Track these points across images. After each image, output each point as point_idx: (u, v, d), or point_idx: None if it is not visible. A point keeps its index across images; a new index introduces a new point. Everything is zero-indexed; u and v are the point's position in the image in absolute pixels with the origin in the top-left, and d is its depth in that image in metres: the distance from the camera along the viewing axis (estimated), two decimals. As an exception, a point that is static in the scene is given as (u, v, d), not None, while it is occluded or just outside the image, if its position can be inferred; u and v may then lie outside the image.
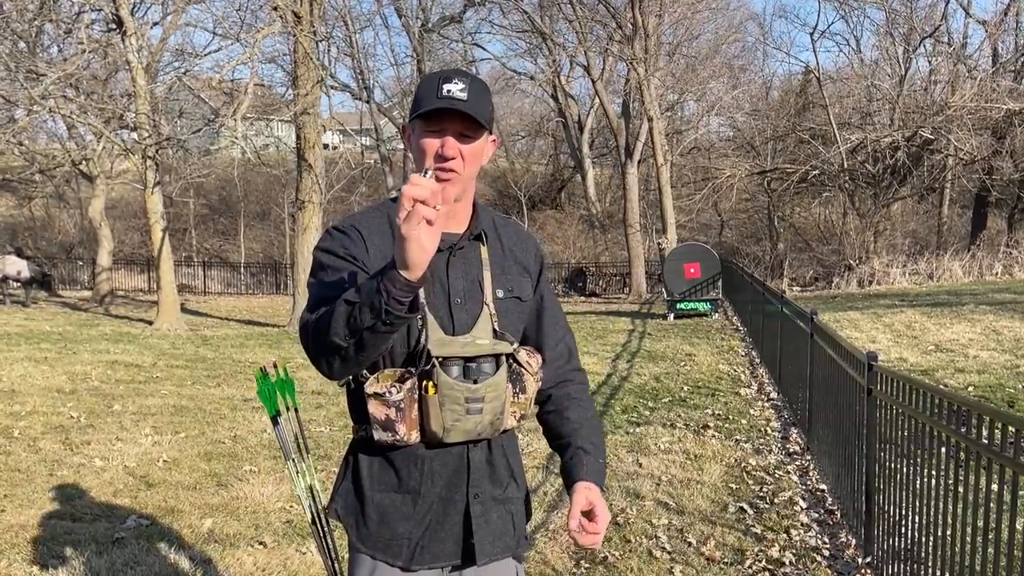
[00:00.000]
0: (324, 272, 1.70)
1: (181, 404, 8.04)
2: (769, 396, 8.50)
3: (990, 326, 12.19)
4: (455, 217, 1.83)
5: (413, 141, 1.78)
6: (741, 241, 31.33)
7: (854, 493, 4.60)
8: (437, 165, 1.71)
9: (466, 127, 1.72)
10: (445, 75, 1.74)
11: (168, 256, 16.02)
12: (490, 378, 1.73)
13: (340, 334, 1.48)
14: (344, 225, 1.77)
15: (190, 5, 17.06)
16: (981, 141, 21.65)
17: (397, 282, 1.41)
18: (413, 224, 1.37)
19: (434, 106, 1.69)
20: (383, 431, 1.68)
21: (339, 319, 1.47)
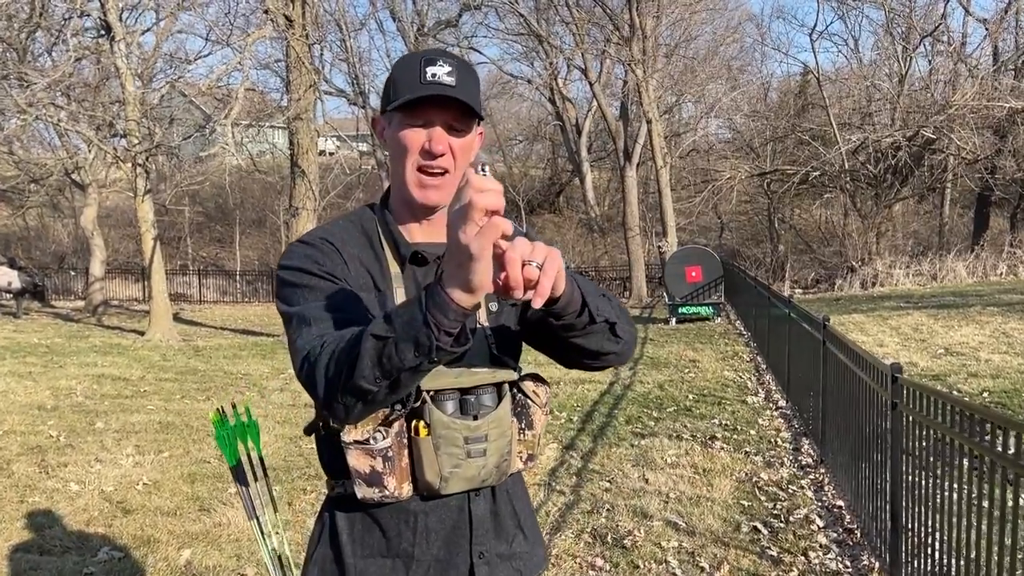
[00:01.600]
0: (301, 295, 1.41)
1: (167, 420, 7.74)
2: (777, 404, 8.22)
3: (999, 328, 11.93)
4: (441, 224, 1.54)
5: (389, 135, 1.50)
6: (742, 243, 31.08)
7: (876, 512, 4.32)
8: (423, 164, 1.44)
9: (456, 117, 1.45)
10: (428, 56, 1.45)
11: (160, 265, 15.73)
12: (492, 412, 1.45)
13: (369, 376, 1.19)
14: (311, 238, 1.49)
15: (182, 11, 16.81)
16: (983, 140, 21.41)
17: (450, 311, 1.13)
18: (488, 239, 1.09)
19: (419, 94, 1.41)
20: (368, 486, 1.39)
21: (366, 359, 1.19)
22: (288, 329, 1.39)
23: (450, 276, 1.13)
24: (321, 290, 1.40)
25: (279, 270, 1.48)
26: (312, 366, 1.27)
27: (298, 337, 1.34)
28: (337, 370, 1.23)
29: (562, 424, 7.45)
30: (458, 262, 1.11)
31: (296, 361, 1.32)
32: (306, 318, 1.35)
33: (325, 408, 1.27)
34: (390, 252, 1.50)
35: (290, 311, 1.39)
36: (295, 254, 1.46)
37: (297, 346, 1.33)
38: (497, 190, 1.10)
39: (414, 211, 1.52)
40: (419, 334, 1.15)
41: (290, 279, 1.43)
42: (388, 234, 1.51)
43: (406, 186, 1.47)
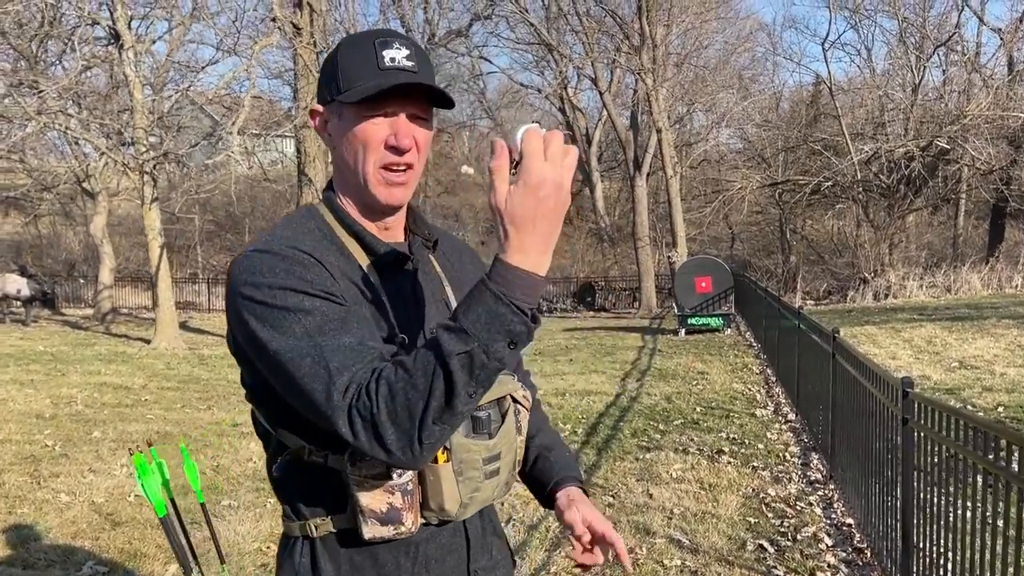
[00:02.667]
0: (296, 322, 1.17)
1: (165, 430, 7.64)
2: (787, 418, 8.05)
3: (1015, 341, 11.72)
4: (398, 224, 1.42)
5: (338, 129, 1.33)
6: (753, 254, 30.84)
7: (887, 531, 4.16)
8: (391, 160, 1.29)
9: (421, 107, 1.31)
10: (381, 38, 1.30)
11: (166, 273, 15.69)
12: (501, 427, 1.32)
13: (464, 396, 1.10)
14: (278, 247, 1.25)
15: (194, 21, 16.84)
16: (998, 150, 21.16)
17: (533, 283, 1.10)
18: (569, 185, 1.11)
19: (384, 84, 1.25)
20: (382, 525, 1.23)
21: (458, 381, 1.08)
22: (294, 373, 1.16)
23: (521, 244, 1.08)
24: (324, 315, 1.18)
25: (247, 288, 1.21)
26: (372, 422, 1.11)
27: (324, 387, 1.14)
28: (418, 413, 1.10)
29: (566, 436, 7.31)
30: (555, 219, 1.10)
31: (336, 415, 1.13)
32: (326, 363, 1.15)
33: (397, 457, 1.12)
34: (363, 257, 1.34)
35: (291, 351, 1.16)
36: (267, 267, 1.21)
37: (332, 400, 1.13)
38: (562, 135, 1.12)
39: (374, 213, 1.37)
40: (511, 325, 1.09)
41: (271, 300, 1.18)
42: (354, 237, 1.34)
43: (367, 186, 1.31)
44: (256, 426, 1.40)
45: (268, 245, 1.26)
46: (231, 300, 1.25)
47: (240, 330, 1.24)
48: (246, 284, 1.22)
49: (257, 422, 1.38)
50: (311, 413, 1.18)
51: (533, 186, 1.06)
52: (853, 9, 27.78)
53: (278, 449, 1.34)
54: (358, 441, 1.12)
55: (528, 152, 1.07)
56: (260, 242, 1.28)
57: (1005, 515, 2.90)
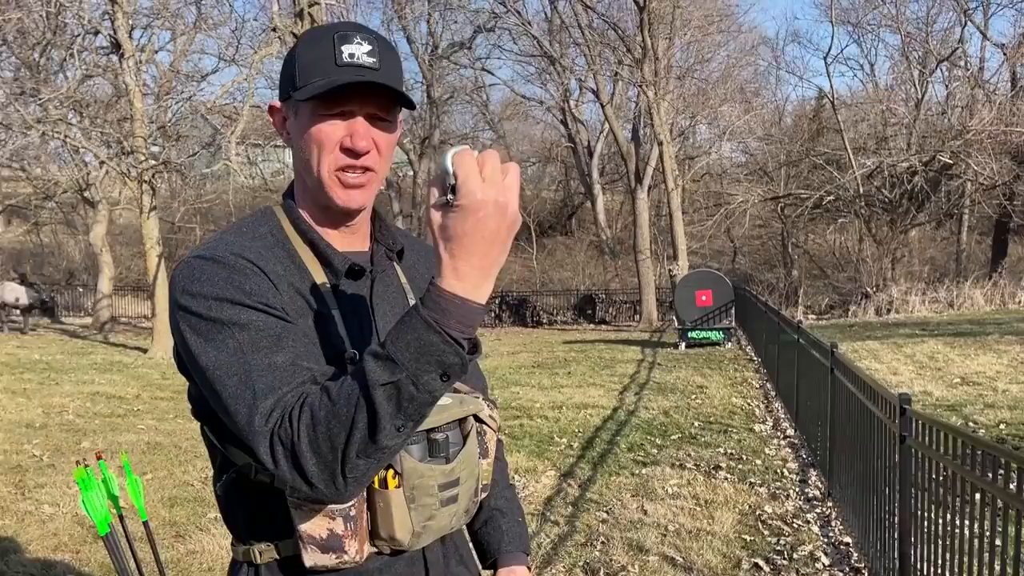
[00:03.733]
0: (229, 336, 1.11)
1: (156, 441, 7.55)
2: (786, 433, 7.94)
3: (1017, 357, 11.62)
4: (360, 231, 1.33)
5: (295, 128, 1.25)
6: (754, 268, 30.76)
7: (885, 549, 4.06)
8: (346, 163, 1.21)
9: (381, 106, 1.22)
10: (340, 31, 1.21)
11: (164, 283, 15.63)
12: (461, 450, 1.22)
13: (390, 430, 1.03)
14: (219, 253, 1.17)
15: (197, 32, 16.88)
16: (1002, 166, 21.10)
17: (472, 311, 1.03)
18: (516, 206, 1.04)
19: (337, 80, 1.17)
20: (323, 552, 1.14)
21: (383, 414, 1.01)
22: (220, 391, 1.10)
23: (456, 268, 1.01)
24: (259, 330, 1.11)
25: (184, 297, 1.14)
26: (292, 451, 1.04)
27: (247, 410, 1.07)
28: (340, 443, 1.02)
29: (562, 450, 7.21)
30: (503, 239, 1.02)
31: (256, 441, 1.07)
32: (252, 382, 1.09)
33: (320, 490, 1.05)
34: (316, 266, 1.25)
35: (220, 367, 1.10)
36: (206, 276, 1.14)
37: (254, 425, 1.06)
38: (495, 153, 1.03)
39: (332, 216, 1.28)
40: (444, 356, 1.01)
41: (206, 312, 1.12)
42: (308, 244, 1.26)
43: (324, 189, 1.23)
44: (205, 441, 1.32)
45: (211, 251, 1.18)
46: (170, 309, 1.19)
47: (178, 340, 1.18)
48: (184, 293, 1.15)
49: (205, 436, 1.30)
50: (237, 434, 1.12)
51: (469, 208, 0.98)
52: (856, 24, 27.83)
53: (224, 466, 1.26)
54: (279, 470, 1.06)
55: (462, 174, 0.99)
56: (204, 247, 1.21)
57: (1004, 535, 2.81)
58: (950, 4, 25.49)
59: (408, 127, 31.52)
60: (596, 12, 22.48)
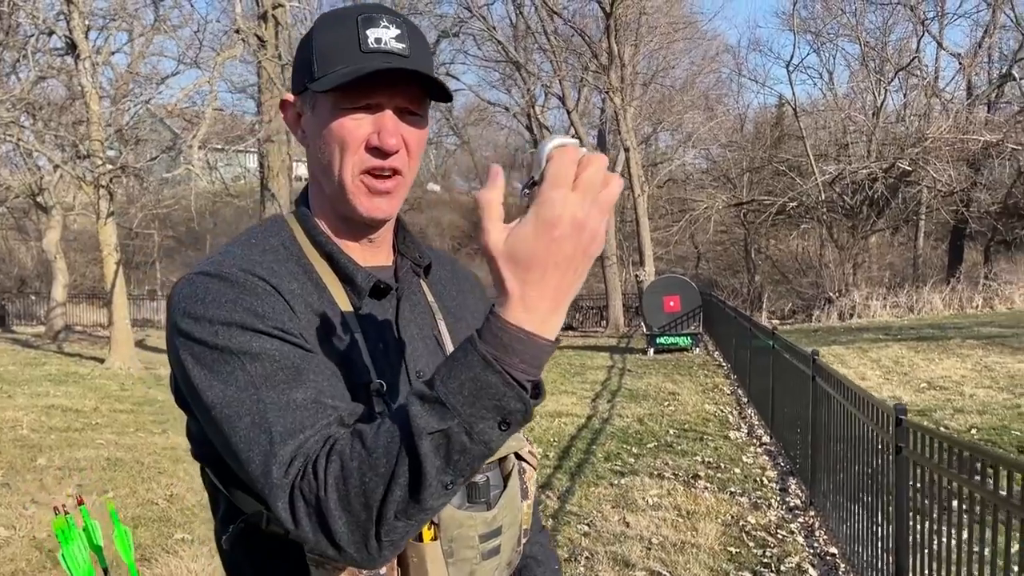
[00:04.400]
0: (239, 367, 0.95)
1: (116, 456, 7.26)
2: (761, 440, 7.91)
3: (980, 361, 11.78)
4: (383, 243, 1.17)
5: (312, 124, 1.08)
6: (718, 273, 31.00)
7: (874, 561, 4.00)
8: (373, 165, 1.05)
9: (412, 98, 1.06)
10: (364, 13, 1.06)
11: (122, 290, 15.20)
12: (503, 494, 1.08)
13: (437, 487, 0.86)
14: (228, 270, 1.01)
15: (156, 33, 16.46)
16: (958, 173, 21.53)
17: (541, 347, 0.84)
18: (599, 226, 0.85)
19: (366, 68, 1.01)
20: None
21: (429, 468, 0.84)
22: (230, 433, 0.94)
23: (524, 296, 0.82)
24: (274, 361, 0.96)
25: (186, 321, 0.98)
26: (318, 508, 0.87)
27: (262, 457, 0.91)
28: (376, 501, 0.86)
29: (538, 461, 7.08)
30: (577, 265, 0.83)
31: (274, 496, 0.90)
32: (268, 424, 0.92)
33: (349, 554, 0.88)
34: (335, 283, 1.10)
35: (229, 405, 0.94)
36: (211, 296, 0.98)
37: (271, 476, 0.90)
38: (602, 159, 0.84)
39: (353, 227, 1.12)
40: (504, 400, 0.83)
41: (212, 339, 0.96)
42: (326, 258, 1.11)
43: (346, 195, 1.07)
44: (205, 484, 1.15)
45: (217, 266, 1.02)
46: (169, 333, 1.02)
47: (177, 371, 1.01)
48: (185, 316, 0.99)
49: (207, 480, 1.13)
50: (249, 484, 0.95)
51: (547, 222, 0.81)
52: (816, 33, 28.23)
53: (230, 514, 1.09)
54: (300, 530, 0.89)
55: (551, 176, 0.82)
56: (208, 262, 1.05)
57: (1006, 546, 2.75)
58: (907, 15, 26.01)
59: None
60: (562, 18, 22.48)
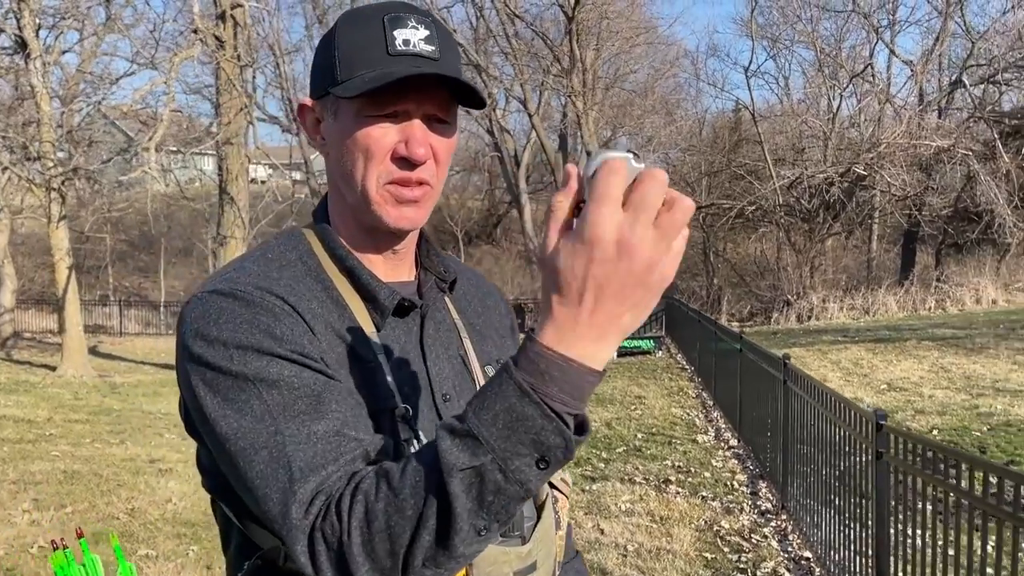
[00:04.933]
0: (255, 396, 0.89)
1: (73, 469, 7.02)
2: (729, 444, 7.95)
3: (936, 363, 12.01)
4: (406, 256, 1.10)
5: (334, 132, 1.01)
6: (678, 276, 30.98)
7: (850, 565, 4.01)
8: (400, 176, 0.98)
9: (441, 105, 0.99)
10: (391, 12, 0.99)
11: (75, 296, 14.79)
12: (536, 525, 1.02)
13: (470, 532, 0.79)
14: (242, 288, 0.95)
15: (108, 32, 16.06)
16: (912, 177, 22.01)
17: (586, 378, 0.76)
18: (659, 255, 0.75)
19: (396, 73, 0.94)
20: None
21: (461, 509, 0.78)
22: (247, 467, 0.87)
23: (564, 319, 0.75)
24: (293, 388, 0.89)
25: (197, 344, 0.92)
26: (340, 553, 0.80)
27: (280, 495, 0.85)
28: (402, 546, 0.79)
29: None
30: (637, 299, 0.75)
31: (292, 538, 0.83)
32: (287, 459, 0.86)
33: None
34: (356, 300, 1.03)
35: (243, 436, 0.88)
36: (225, 316, 0.92)
37: (290, 516, 0.84)
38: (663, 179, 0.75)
39: (377, 238, 1.06)
40: (542, 435, 0.75)
41: (226, 364, 0.90)
42: (346, 273, 1.04)
43: (371, 206, 1.01)
44: (217, 517, 1.06)
45: (231, 284, 0.95)
46: (179, 356, 0.95)
47: (188, 396, 0.95)
48: (197, 338, 0.92)
49: (217, 511, 1.05)
50: (266, 522, 0.88)
51: (587, 241, 0.73)
52: (773, 39, 28.67)
53: (244, 550, 1.00)
54: (320, 574, 0.82)
55: (599, 191, 0.74)
56: (221, 279, 0.98)
57: (997, 553, 2.77)
58: (860, 22, 26.54)
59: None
60: (524, 21, 22.49)
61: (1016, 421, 7.82)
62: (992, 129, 22.16)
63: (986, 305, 20.69)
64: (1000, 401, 8.83)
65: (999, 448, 6.87)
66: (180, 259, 32.97)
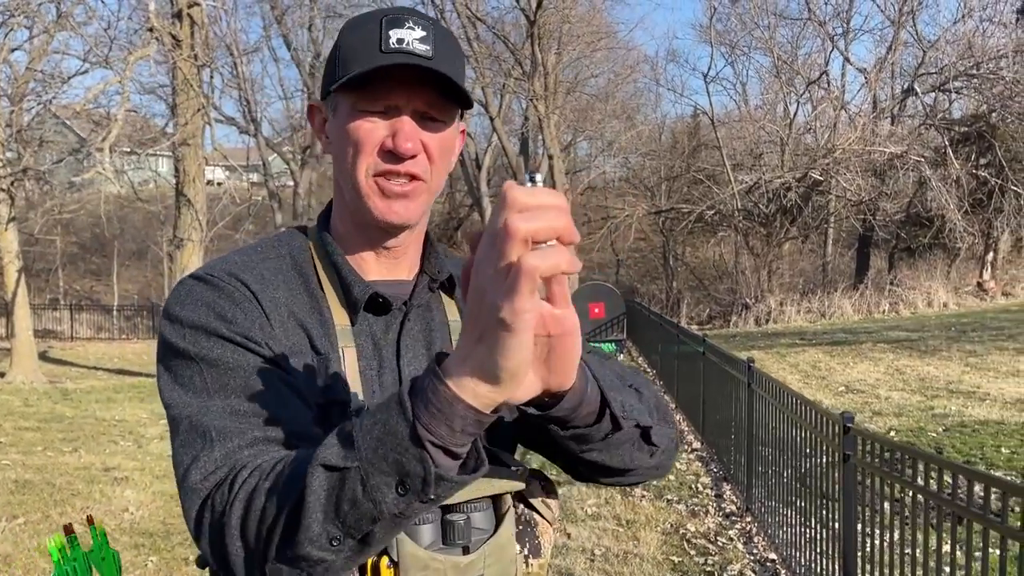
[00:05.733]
0: (196, 375, 0.94)
1: (25, 478, 6.81)
2: (692, 446, 7.99)
3: (892, 365, 12.25)
4: (404, 257, 1.10)
5: (334, 128, 1.05)
6: (638, 279, 31.51)
7: (817, 568, 4.05)
8: (385, 168, 1.00)
9: (432, 102, 1.01)
10: (391, 15, 1.01)
11: (24, 300, 14.40)
12: (489, 539, 0.98)
13: (320, 537, 0.76)
14: (216, 273, 1.01)
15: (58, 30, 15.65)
16: (866, 182, 22.45)
17: (458, 415, 0.72)
18: (529, 298, 0.66)
19: (378, 63, 0.96)
20: None
21: (315, 508, 0.75)
22: (174, 436, 0.92)
23: (464, 355, 0.70)
24: (229, 368, 0.94)
25: (165, 323, 0.99)
26: (219, 524, 0.81)
27: (190, 461, 0.88)
28: (265, 531, 0.77)
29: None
30: (481, 331, 0.68)
31: (188, 502, 0.86)
32: (204, 428, 0.89)
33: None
34: (334, 295, 1.05)
35: (179, 407, 0.93)
36: (191, 299, 0.99)
37: (189, 479, 0.86)
38: (556, 206, 0.67)
39: (370, 234, 1.07)
40: (405, 458, 0.72)
41: (180, 344, 0.96)
42: (332, 268, 1.07)
43: (361, 198, 1.03)
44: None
45: (208, 269, 1.04)
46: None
47: (158, 379, 1.01)
48: (166, 316, 1.01)
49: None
50: (181, 497, 0.92)
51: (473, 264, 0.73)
52: (731, 45, 29.05)
53: None
54: (202, 545, 0.85)
55: (493, 214, 0.71)
56: (206, 265, 1.06)
57: (968, 554, 2.80)
58: (816, 30, 27.02)
59: (289, 135, 30.53)
60: (485, 23, 22.47)
61: (970, 422, 7.99)
62: (943, 136, 22.73)
63: (937, 308, 21.19)
64: (954, 403, 9.02)
65: (955, 448, 7.01)
66: (133, 262, 32.33)
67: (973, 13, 23.80)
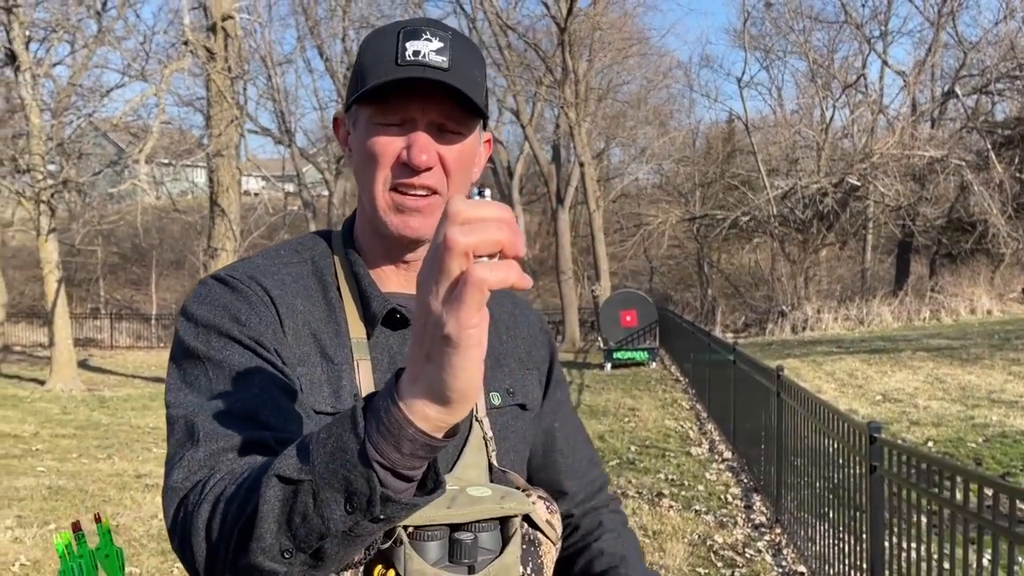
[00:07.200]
0: (202, 373, 0.94)
1: (58, 484, 6.92)
2: (723, 456, 7.87)
3: (932, 373, 11.97)
4: None
5: (354, 140, 1.05)
6: (672, 287, 31.26)
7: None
8: (400, 182, 1.00)
9: (448, 114, 1.01)
10: (409, 27, 1.01)
11: (64, 309, 14.68)
12: (495, 559, 0.96)
13: (271, 547, 0.75)
14: (236, 275, 1.02)
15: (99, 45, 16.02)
16: (905, 187, 22.04)
17: (407, 437, 0.70)
18: (475, 312, 0.65)
19: (392, 76, 0.98)
20: None
21: (268, 518, 0.74)
22: (170, 435, 0.92)
23: (413, 376, 0.68)
24: (233, 370, 0.94)
25: (181, 321, 1.01)
26: (187, 524, 0.80)
27: (176, 459, 0.88)
28: (224, 536, 0.76)
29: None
30: (427, 349, 0.66)
31: (167, 500, 0.85)
32: (195, 428, 0.88)
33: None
34: (352, 307, 1.05)
35: (178, 407, 0.92)
36: (208, 298, 1.00)
37: (171, 477, 0.86)
38: (499, 219, 0.65)
39: (391, 248, 1.07)
40: (353, 476, 0.70)
41: (192, 342, 0.97)
42: (352, 279, 1.07)
43: (377, 211, 1.04)
44: None
45: (230, 270, 1.05)
46: None
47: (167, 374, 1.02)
48: (183, 314, 1.02)
49: None
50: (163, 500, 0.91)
51: None
52: (766, 50, 28.76)
53: None
54: (173, 544, 0.84)
55: None
56: (230, 266, 1.07)
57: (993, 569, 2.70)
58: (853, 33, 26.66)
59: (323, 145, 30.85)
60: (516, 32, 22.51)
61: (1012, 432, 7.76)
62: (985, 139, 22.24)
63: (981, 315, 20.69)
64: (996, 412, 8.77)
65: (995, 460, 6.81)
66: (172, 271, 32.86)
67: (1016, 13, 23.28)
